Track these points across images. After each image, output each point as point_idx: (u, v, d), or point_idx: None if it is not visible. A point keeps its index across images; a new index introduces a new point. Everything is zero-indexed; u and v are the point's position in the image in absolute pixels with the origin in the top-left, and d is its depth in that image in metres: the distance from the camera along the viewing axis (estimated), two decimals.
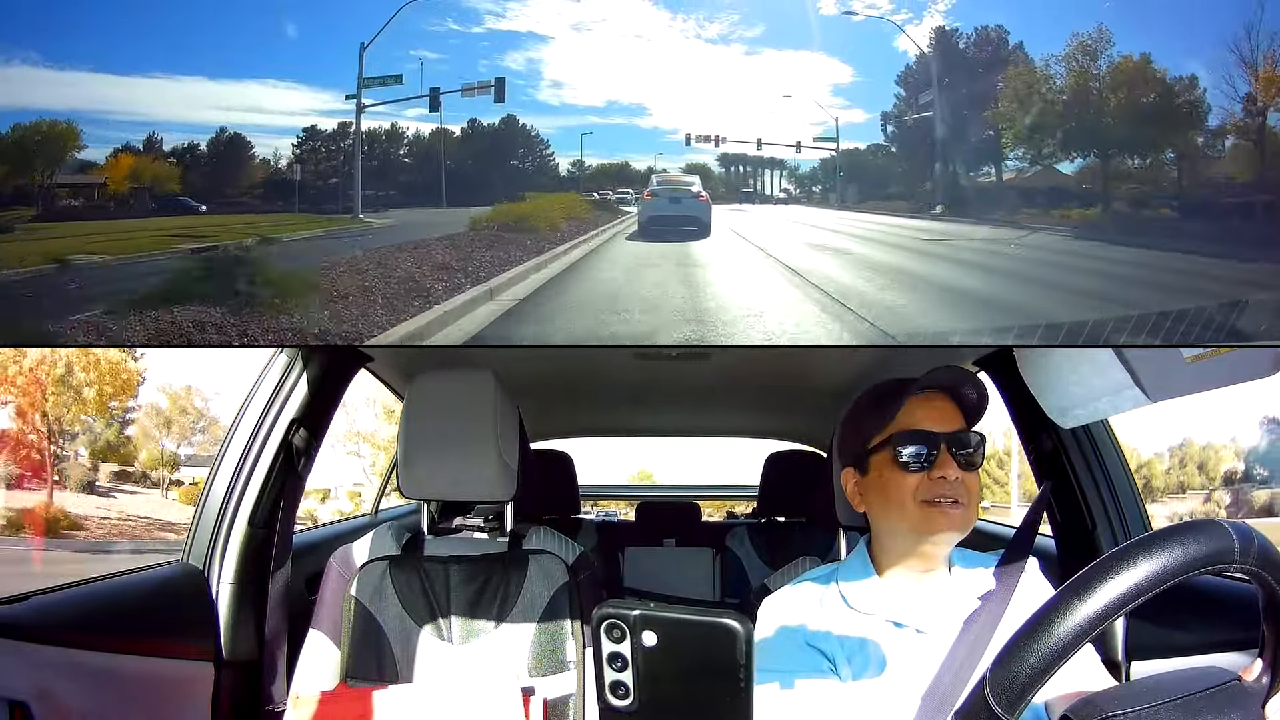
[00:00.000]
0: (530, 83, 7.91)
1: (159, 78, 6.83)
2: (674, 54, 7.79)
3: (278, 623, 1.83)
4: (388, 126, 8.13)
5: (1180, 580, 0.74)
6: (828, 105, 8.20)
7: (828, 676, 1.22)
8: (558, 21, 7.66)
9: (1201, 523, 0.77)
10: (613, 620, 0.77)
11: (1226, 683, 0.78)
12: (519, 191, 8.04)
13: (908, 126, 8.21)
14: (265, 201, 7.54)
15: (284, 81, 7.31)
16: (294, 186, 7.60)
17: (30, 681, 1.33)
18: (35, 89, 6.33)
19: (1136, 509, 1.83)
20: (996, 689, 0.75)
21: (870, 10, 7.53)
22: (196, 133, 7.26)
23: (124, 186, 6.81)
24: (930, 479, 1.22)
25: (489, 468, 1.62)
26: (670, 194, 7.52)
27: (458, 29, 7.53)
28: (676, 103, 8.19)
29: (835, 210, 8.55)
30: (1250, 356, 1.32)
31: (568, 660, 1.65)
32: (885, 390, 1.30)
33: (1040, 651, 0.75)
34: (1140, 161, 7.16)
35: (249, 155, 7.67)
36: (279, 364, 1.94)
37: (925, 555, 1.25)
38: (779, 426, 3.55)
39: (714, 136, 8.19)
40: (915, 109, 8.06)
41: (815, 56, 7.87)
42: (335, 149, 7.74)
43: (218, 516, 1.83)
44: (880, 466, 1.26)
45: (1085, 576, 0.76)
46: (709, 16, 8.10)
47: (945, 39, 7.68)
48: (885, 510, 1.26)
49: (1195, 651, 1.62)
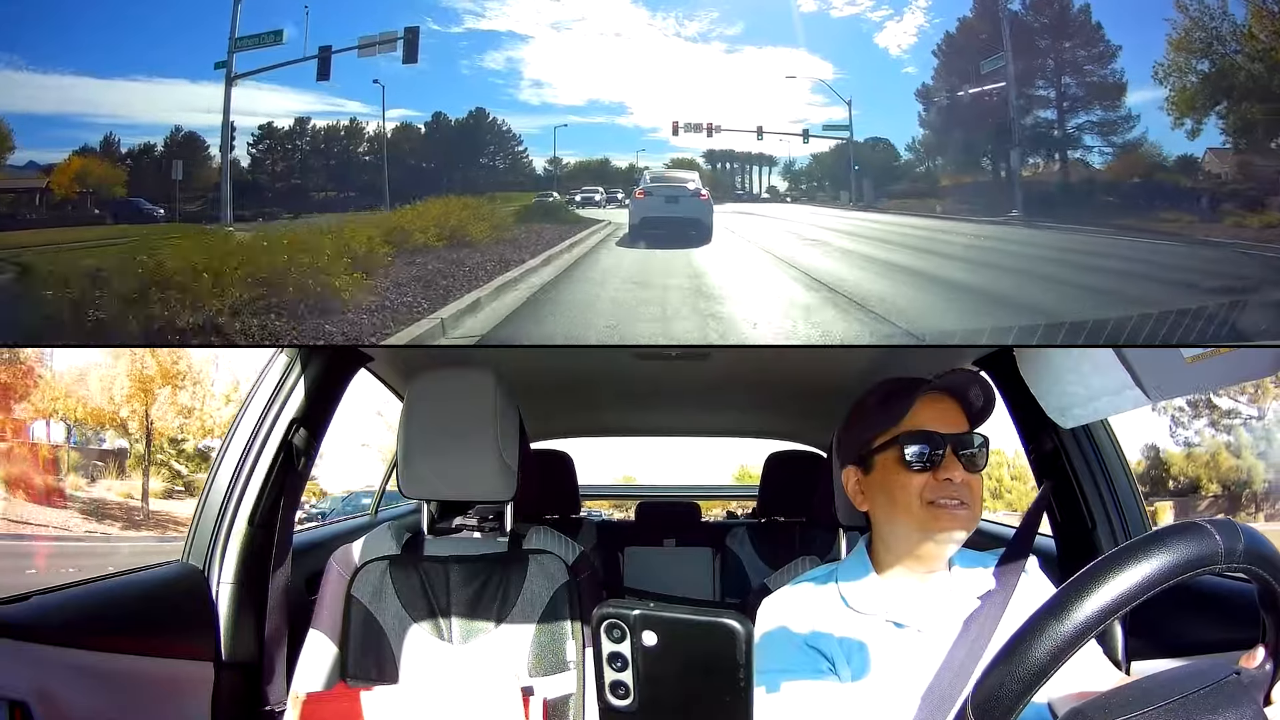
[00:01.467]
0: (510, 82, 7.64)
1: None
2: (654, 51, 7.50)
3: (277, 623, 1.82)
4: (329, 124, 7.46)
5: (1167, 586, 0.74)
6: (838, 90, 7.55)
7: (827, 677, 1.22)
8: (537, 20, 7.40)
9: (1182, 526, 0.75)
10: (613, 620, 0.77)
11: (1223, 678, 0.78)
12: (490, 191, 7.60)
13: (958, 103, 7.14)
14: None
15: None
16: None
17: (30, 681, 1.33)
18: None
19: (1136, 509, 1.83)
20: (979, 710, 0.75)
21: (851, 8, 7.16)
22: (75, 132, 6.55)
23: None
24: (935, 480, 1.22)
25: (489, 468, 1.62)
26: (666, 192, 6.88)
27: (437, 29, 7.27)
28: (659, 99, 7.89)
29: (851, 210, 8.02)
30: (1250, 356, 1.32)
31: (568, 660, 1.65)
32: (892, 389, 1.30)
33: (1019, 674, 0.74)
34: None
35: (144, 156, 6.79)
36: (279, 364, 1.94)
37: (928, 555, 1.25)
38: (779, 426, 3.54)
39: (706, 125, 7.52)
40: (973, 81, 6.95)
41: (797, 53, 7.56)
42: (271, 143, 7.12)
43: (218, 516, 1.83)
44: (885, 465, 1.26)
45: (1063, 595, 0.75)
46: (688, 14, 7.80)
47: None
48: (890, 510, 1.26)
49: (1195, 652, 1.62)
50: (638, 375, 2.78)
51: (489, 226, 6.26)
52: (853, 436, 1.33)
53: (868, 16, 7.27)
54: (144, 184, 6.61)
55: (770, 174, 8.52)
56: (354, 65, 6.63)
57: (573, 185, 8.14)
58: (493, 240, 6.13)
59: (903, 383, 1.30)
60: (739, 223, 7.83)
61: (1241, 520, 0.86)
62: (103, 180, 6.48)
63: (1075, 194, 7.18)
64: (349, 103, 7.38)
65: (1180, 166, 6.86)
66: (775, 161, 8.36)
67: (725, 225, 7.36)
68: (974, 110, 7.32)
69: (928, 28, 7.45)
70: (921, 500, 1.22)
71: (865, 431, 1.29)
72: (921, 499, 1.22)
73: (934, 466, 1.22)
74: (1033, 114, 7.22)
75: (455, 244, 5.78)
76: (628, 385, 2.96)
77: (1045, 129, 7.36)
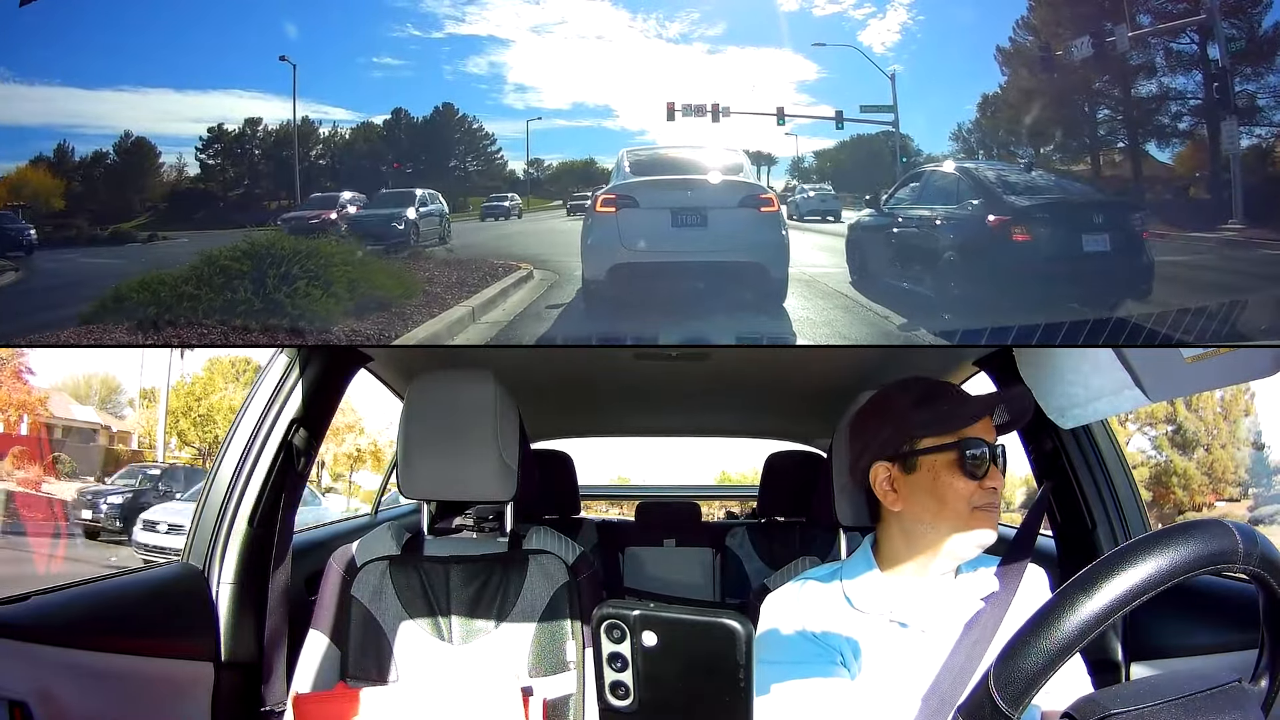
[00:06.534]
0: (493, 86, 7.25)
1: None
2: (637, 52, 6.51)
3: (278, 623, 1.82)
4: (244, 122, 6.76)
5: (1182, 580, 0.75)
6: (885, 61, 5.61)
7: (837, 670, 1.23)
8: (517, 24, 7.04)
9: (1205, 522, 0.77)
10: (613, 620, 0.77)
11: (1227, 683, 0.78)
12: (458, 195, 6.78)
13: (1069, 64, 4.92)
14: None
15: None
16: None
17: (30, 681, 1.33)
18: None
19: (1136, 509, 1.84)
20: (1001, 683, 0.76)
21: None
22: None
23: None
24: (982, 487, 1.25)
25: (489, 468, 1.62)
26: (672, 198, 3.50)
27: (418, 34, 7.01)
28: (646, 96, 6.47)
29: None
30: (1250, 356, 1.32)
31: (568, 660, 1.65)
32: (933, 392, 1.31)
33: (1045, 647, 0.75)
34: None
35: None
36: (279, 364, 1.94)
37: (958, 556, 1.27)
38: (779, 426, 3.54)
39: (711, 106, 5.31)
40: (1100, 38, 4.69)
41: (781, 53, 6.12)
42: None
43: (218, 516, 1.83)
44: (937, 468, 1.26)
45: (1090, 573, 0.76)
46: (669, 15, 7.26)
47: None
48: (936, 510, 1.26)
49: (1195, 651, 1.62)
50: (637, 375, 2.78)
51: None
52: (888, 435, 1.31)
53: (851, 14, 6.65)
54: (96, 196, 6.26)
55: (767, 174, 7.70)
56: (332, 70, 6.54)
57: (554, 187, 7.09)
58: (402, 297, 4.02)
59: (945, 387, 1.33)
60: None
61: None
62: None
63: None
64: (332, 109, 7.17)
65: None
66: (774, 160, 6.95)
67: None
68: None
69: (910, 24, 6.89)
70: (969, 505, 1.25)
71: (910, 432, 1.29)
72: (969, 504, 1.25)
73: (985, 474, 1.26)
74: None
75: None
76: (627, 385, 2.96)
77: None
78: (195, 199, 6.66)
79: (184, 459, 18.92)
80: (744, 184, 3.64)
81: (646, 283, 3.33)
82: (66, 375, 19.35)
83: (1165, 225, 4.80)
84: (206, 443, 18.63)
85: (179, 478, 13.46)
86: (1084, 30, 5.17)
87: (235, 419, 1.94)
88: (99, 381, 20.38)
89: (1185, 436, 17.61)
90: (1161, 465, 17.60)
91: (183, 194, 6.69)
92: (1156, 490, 17.08)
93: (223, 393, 19.08)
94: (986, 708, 0.76)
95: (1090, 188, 5.22)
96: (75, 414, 19.20)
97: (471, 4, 6.61)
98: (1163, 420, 17.71)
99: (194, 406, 19.28)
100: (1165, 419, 17.65)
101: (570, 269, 4.07)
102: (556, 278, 4.28)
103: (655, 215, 3.43)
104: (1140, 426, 17.79)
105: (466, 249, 5.20)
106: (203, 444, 18.95)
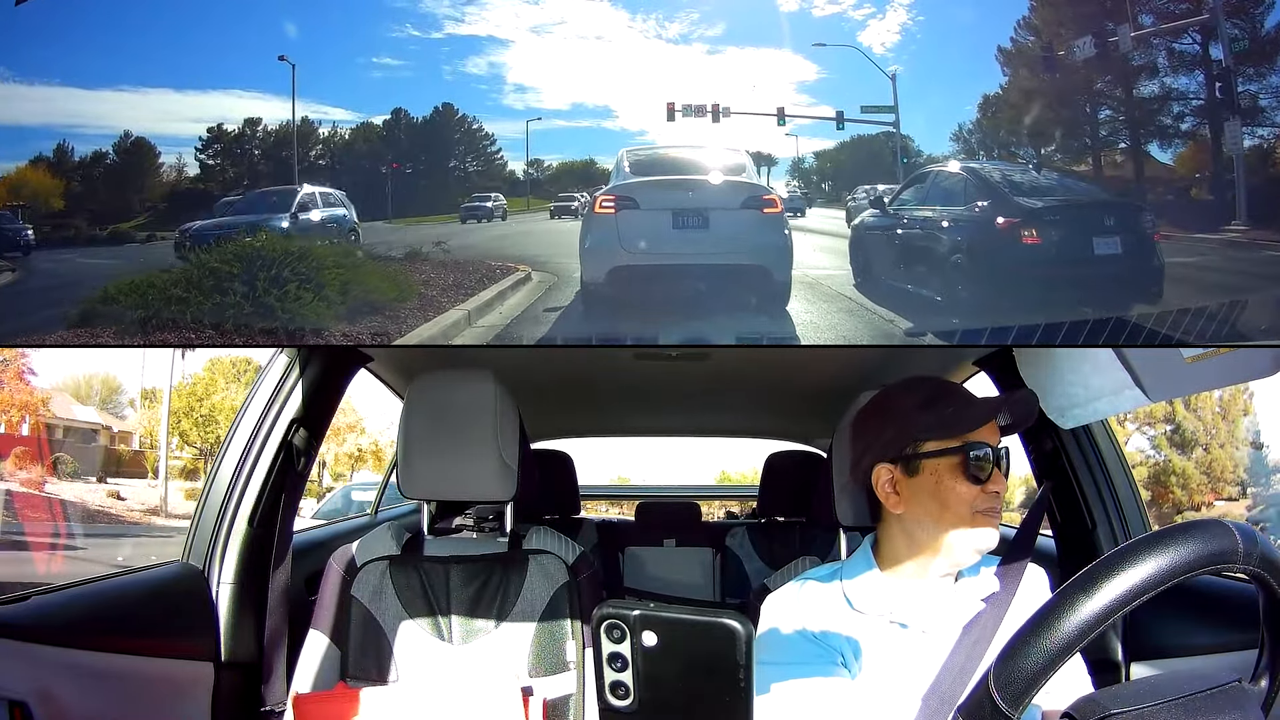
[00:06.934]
0: (493, 86, 7.04)
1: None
2: (636, 52, 6.25)
3: (277, 623, 1.82)
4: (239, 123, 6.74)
5: (1182, 580, 0.75)
6: (887, 62, 5.55)
7: (838, 670, 1.23)
8: (516, 24, 6.96)
9: (1205, 522, 0.77)
10: (613, 620, 0.77)
11: (1227, 683, 0.78)
12: (458, 195, 6.80)
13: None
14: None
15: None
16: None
17: (30, 681, 1.33)
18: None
19: (1136, 509, 1.84)
20: (1001, 683, 0.76)
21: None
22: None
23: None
24: (985, 491, 1.25)
25: (489, 468, 1.62)
26: (673, 198, 3.37)
27: (418, 34, 6.78)
28: (646, 97, 6.50)
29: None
30: (1250, 356, 1.32)
31: (568, 660, 1.65)
32: (938, 394, 1.30)
33: (1045, 647, 0.75)
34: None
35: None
36: (279, 364, 1.94)
37: (959, 560, 1.27)
38: (779, 426, 3.54)
39: (711, 106, 5.21)
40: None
41: (781, 53, 6.04)
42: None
43: (218, 516, 1.83)
44: (939, 471, 1.26)
45: (1090, 573, 0.76)
46: (669, 15, 7.14)
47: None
48: (938, 514, 1.26)
49: (1195, 651, 1.62)
50: (638, 375, 2.78)
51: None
52: (891, 436, 1.31)
53: (851, 15, 6.52)
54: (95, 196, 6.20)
55: (768, 175, 7.58)
56: (332, 70, 6.50)
57: (554, 188, 7.01)
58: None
59: (949, 389, 1.31)
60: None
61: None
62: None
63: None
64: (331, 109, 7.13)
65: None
66: (775, 161, 6.88)
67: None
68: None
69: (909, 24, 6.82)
70: (972, 510, 1.24)
71: (913, 434, 1.28)
72: (973, 508, 1.24)
73: (989, 479, 1.25)
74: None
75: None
76: (628, 385, 2.96)
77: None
78: (195, 199, 6.61)
79: (185, 459, 18.99)
80: (747, 184, 3.62)
81: (647, 285, 3.30)
82: (68, 376, 19.41)
83: (1169, 226, 4.78)
84: (208, 443, 18.68)
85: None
86: (1086, 30, 5.18)
87: (235, 419, 1.94)
88: (100, 382, 20.44)
89: (1184, 436, 17.64)
90: (1160, 465, 17.64)
91: (182, 194, 6.67)
92: (1155, 490, 17.11)
93: (224, 393, 19.13)
94: (986, 708, 0.76)
95: (1100, 189, 5.20)
96: (76, 414, 19.23)
97: (471, 4, 6.60)
98: (1162, 420, 17.75)
99: (196, 407, 19.34)
100: (1164, 419, 17.69)
101: (569, 271, 4.02)
102: (555, 280, 4.24)
103: (656, 216, 3.37)
104: (1139, 426, 17.84)
105: (463, 250, 5.12)
106: (204, 444, 19.00)
